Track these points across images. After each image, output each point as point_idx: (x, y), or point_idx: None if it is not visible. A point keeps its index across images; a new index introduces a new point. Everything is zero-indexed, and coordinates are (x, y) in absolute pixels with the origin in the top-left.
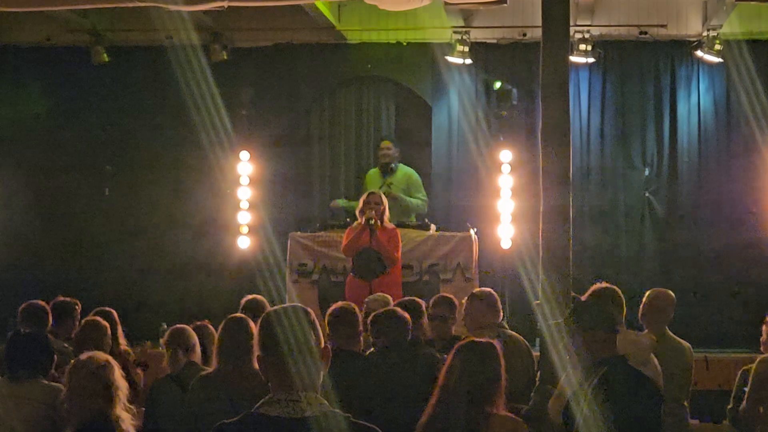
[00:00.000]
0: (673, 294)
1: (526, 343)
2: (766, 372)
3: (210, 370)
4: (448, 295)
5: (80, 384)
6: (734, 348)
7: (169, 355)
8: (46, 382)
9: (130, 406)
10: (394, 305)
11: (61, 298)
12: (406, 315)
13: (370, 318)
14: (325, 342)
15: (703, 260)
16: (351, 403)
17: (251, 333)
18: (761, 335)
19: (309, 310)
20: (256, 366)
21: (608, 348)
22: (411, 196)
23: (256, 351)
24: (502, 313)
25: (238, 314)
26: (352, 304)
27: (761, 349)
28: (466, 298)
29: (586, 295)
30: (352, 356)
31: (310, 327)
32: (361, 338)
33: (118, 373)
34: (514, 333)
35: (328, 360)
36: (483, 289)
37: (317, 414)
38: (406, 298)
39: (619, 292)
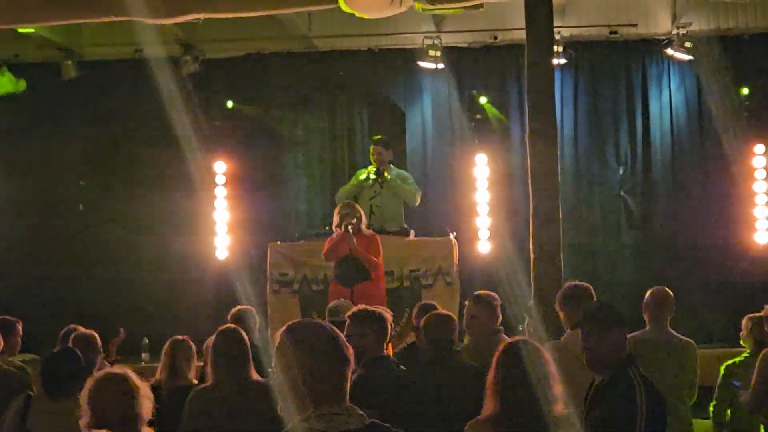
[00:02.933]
0: (670, 292)
1: None
2: None
3: (207, 383)
4: (432, 303)
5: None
6: (713, 344)
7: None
8: None
9: None
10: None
11: (3, 317)
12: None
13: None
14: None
15: (679, 257)
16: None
17: (245, 344)
18: (741, 330)
19: (329, 324)
20: (254, 376)
21: (623, 349)
22: (406, 183)
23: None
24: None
25: (231, 325)
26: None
27: (742, 342)
28: (467, 300)
29: (561, 293)
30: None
31: (337, 335)
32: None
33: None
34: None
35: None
36: (487, 292)
37: (361, 426)
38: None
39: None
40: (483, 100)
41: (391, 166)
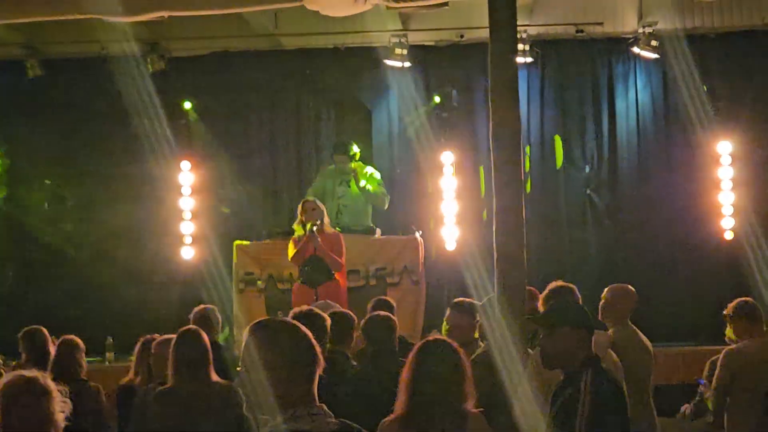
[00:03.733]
0: (633, 289)
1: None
2: (733, 363)
3: (167, 385)
4: (385, 298)
5: None
6: (679, 342)
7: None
8: None
9: None
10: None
11: None
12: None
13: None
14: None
15: (645, 255)
16: None
17: (206, 345)
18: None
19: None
20: (214, 378)
21: (587, 347)
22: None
23: (261, 366)
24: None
25: (191, 326)
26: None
27: (726, 339)
28: (448, 309)
29: (546, 291)
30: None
31: (307, 335)
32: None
33: None
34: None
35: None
36: (465, 299)
37: (337, 427)
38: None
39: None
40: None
41: (360, 163)
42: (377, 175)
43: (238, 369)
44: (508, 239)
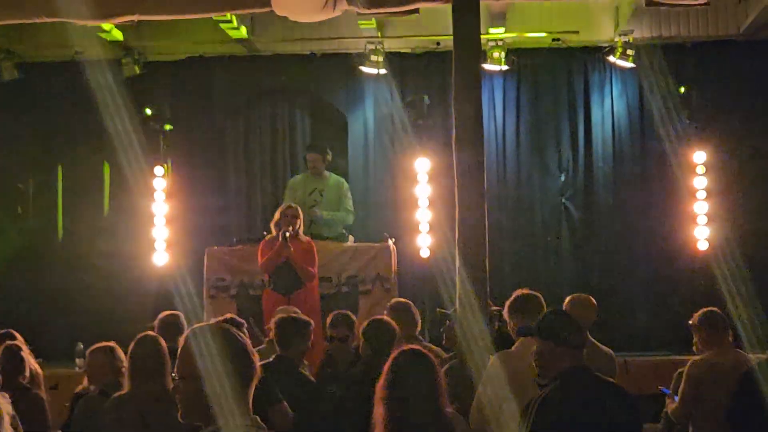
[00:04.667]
0: (593, 299)
1: (443, 354)
2: (698, 374)
3: (123, 392)
4: (345, 312)
5: None
6: (652, 352)
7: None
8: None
9: None
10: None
11: None
12: None
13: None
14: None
15: (620, 264)
16: None
17: (163, 352)
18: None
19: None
20: (171, 385)
21: (558, 361)
22: (340, 204)
23: (196, 375)
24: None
25: (149, 333)
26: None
27: (694, 349)
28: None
29: (512, 298)
30: None
31: (237, 346)
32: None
33: None
34: (430, 345)
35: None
36: (400, 299)
37: None
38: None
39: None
40: (427, 99)
41: (331, 174)
42: (350, 201)
43: (173, 375)
44: (469, 244)
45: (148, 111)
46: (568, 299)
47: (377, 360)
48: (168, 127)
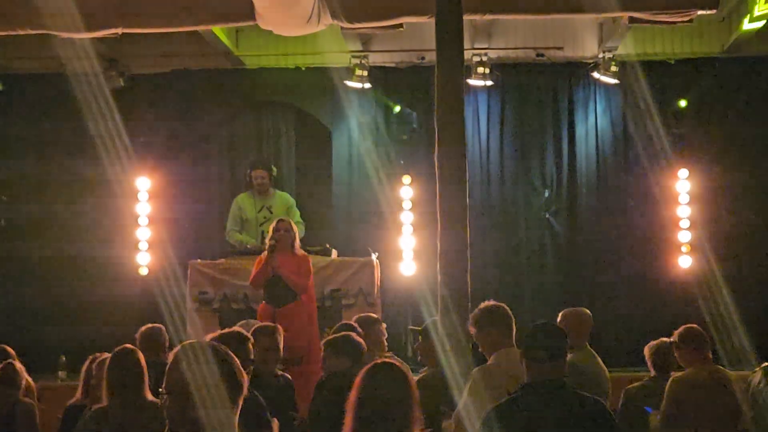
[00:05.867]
0: (588, 311)
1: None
2: (680, 390)
3: (101, 405)
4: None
5: None
6: (632, 367)
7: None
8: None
9: None
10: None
11: None
12: None
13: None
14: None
15: (602, 280)
16: None
17: (140, 365)
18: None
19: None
20: (149, 397)
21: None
22: (291, 219)
23: (181, 391)
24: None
25: (127, 345)
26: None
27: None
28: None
29: (478, 311)
30: None
31: (226, 363)
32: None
33: None
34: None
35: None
36: (363, 315)
37: None
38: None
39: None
40: (397, 109)
41: (275, 190)
42: (298, 213)
43: (160, 390)
44: (451, 258)
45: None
46: (563, 312)
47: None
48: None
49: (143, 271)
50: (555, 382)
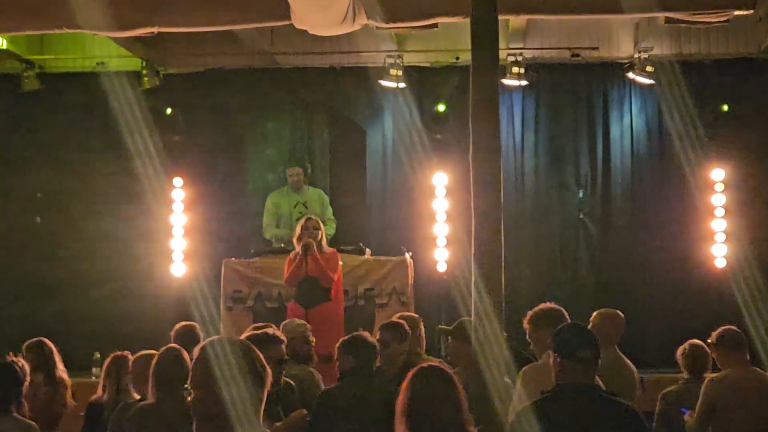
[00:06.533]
0: (620, 313)
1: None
2: (715, 392)
3: (148, 401)
4: (397, 320)
5: None
6: (668, 369)
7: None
8: (18, 416)
9: None
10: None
11: None
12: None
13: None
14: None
15: (636, 280)
16: None
17: (185, 364)
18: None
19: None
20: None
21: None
22: (324, 216)
23: (204, 385)
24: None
25: (173, 345)
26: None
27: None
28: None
29: (537, 310)
30: None
31: (250, 359)
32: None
33: None
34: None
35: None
36: (405, 314)
37: None
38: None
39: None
40: (441, 108)
41: (309, 187)
42: (331, 211)
43: (186, 386)
44: (485, 259)
45: (169, 110)
46: (595, 313)
47: (361, 374)
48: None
49: (178, 270)
50: (588, 385)
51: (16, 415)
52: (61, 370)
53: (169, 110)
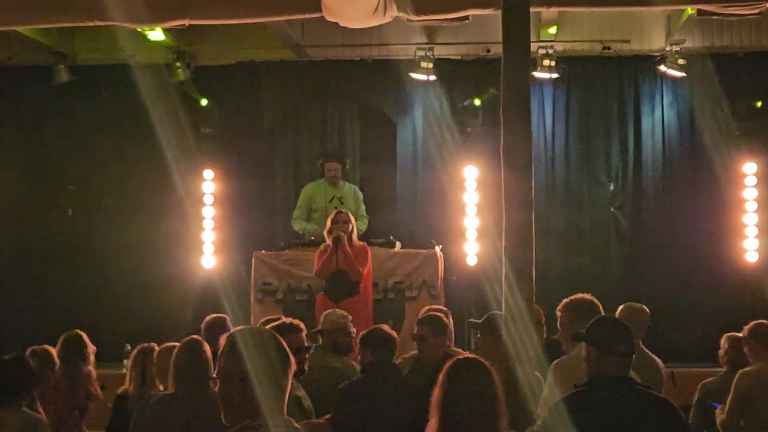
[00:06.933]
0: (646, 308)
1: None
2: (747, 385)
3: (168, 391)
4: (435, 313)
5: None
6: (698, 363)
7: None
8: (27, 410)
9: None
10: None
11: None
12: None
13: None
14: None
15: (668, 274)
16: None
17: (206, 355)
18: (720, 349)
19: (272, 333)
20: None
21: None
22: (357, 211)
23: (224, 373)
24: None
25: (195, 336)
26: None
27: (720, 361)
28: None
29: (570, 301)
30: None
31: (278, 346)
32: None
33: None
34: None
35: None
36: (433, 308)
37: None
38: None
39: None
40: (477, 102)
41: (344, 182)
42: (364, 207)
43: (213, 376)
44: (516, 251)
45: (204, 101)
46: (621, 307)
47: (379, 368)
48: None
49: (208, 262)
50: (623, 377)
51: (26, 409)
52: (89, 363)
53: (204, 101)
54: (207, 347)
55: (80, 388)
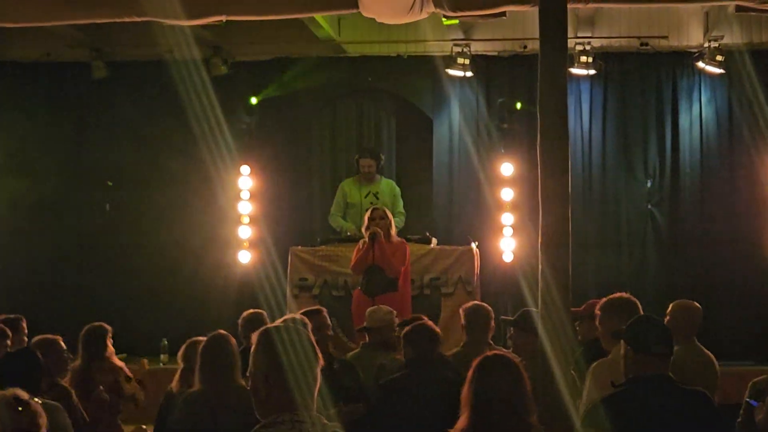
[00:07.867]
0: (698, 305)
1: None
2: None
3: (194, 388)
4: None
5: None
6: (738, 361)
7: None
8: (39, 400)
9: None
10: None
11: (7, 315)
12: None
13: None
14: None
15: (706, 271)
16: None
17: (232, 350)
18: None
19: (307, 321)
20: (240, 382)
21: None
22: (394, 208)
23: (254, 369)
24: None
25: (220, 331)
26: None
27: None
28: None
29: (608, 300)
30: None
31: (309, 342)
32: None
33: None
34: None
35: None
36: (475, 303)
37: None
38: None
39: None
40: (518, 105)
41: (381, 177)
42: (401, 203)
43: (246, 374)
44: (553, 248)
45: (254, 99)
46: (672, 305)
47: (420, 363)
48: (254, 101)
49: (245, 258)
50: (661, 375)
51: (37, 399)
52: (111, 356)
53: (254, 99)
54: (233, 341)
55: (100, 381)
